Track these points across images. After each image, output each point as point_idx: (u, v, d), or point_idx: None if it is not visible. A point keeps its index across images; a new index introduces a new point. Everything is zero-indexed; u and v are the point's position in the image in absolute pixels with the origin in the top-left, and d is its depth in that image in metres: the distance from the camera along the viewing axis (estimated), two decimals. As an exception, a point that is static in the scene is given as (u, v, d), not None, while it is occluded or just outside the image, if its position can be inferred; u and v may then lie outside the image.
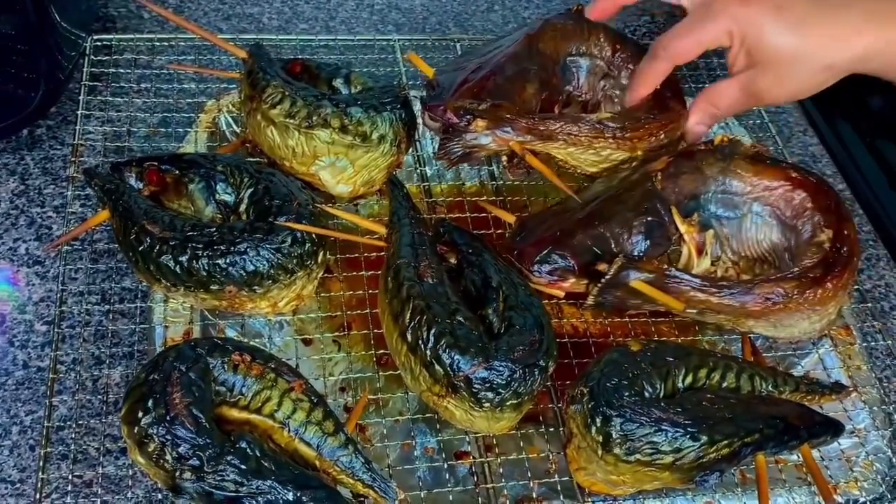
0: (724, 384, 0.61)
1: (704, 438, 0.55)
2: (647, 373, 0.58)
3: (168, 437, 0.52)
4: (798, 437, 0.58)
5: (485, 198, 0.79)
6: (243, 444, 0.52)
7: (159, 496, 0.59)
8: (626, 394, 0.56)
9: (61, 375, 0.65)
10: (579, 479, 0.60)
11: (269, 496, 0.52)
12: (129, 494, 0.60)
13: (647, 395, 0.58)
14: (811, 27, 0.61)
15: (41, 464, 0.59)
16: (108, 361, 0.66)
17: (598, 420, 0.56)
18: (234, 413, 0.57)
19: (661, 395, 0.59)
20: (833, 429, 0.61)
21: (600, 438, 0.56)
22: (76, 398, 0.64)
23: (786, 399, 0.62)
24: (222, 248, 0.62)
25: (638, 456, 0.55)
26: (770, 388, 0.62)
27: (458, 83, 0.66)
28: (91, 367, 0.67)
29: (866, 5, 0.61)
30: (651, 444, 0.55)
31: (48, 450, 0.60)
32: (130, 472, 0.60)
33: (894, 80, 0.63)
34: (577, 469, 0.59)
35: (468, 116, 0.66)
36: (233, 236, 0.62)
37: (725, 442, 0.56)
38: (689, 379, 0.60)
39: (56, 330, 0.65)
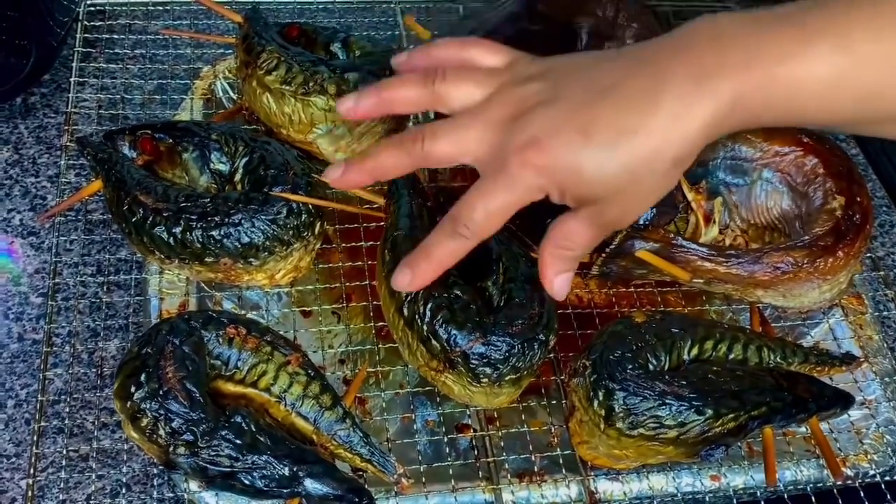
0: (731, 356, 0.59)
1: (710, 412, 0.54)
2: (651, 345, 0.57)
3: (161, 411, 0.51)
4: (806, 410, 0.57)
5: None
6: (238, 419, 0.52)
7: (155, 470, 0.58)
8: (630, 366, 0.55)
9: (56, 348, 0.65)
10: (582, 452, 0.58)
11: (264, 471, 0.51)
12: (125, 469, 0.59)
13: (651, 367, 0.56)
14: (632, 133, 0.43)
15: (35, 438, 0.58)
16: (103, 334, 0.65)
17: (600, 394, 0.54)
18: (230, 387, 0.56)
19: (666, 367, 0.58)
20: (843, 401, 0.59)
21: (603, 412, 0.54)
22: (71, 371, 0.63)
23: (794, 371, 0.60)
24: (216, 219, 0.60)
25: (641, 430, 0.54)
26: (778, 359, 0.60)
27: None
28: (86, 340, 0.66)
29: (689, 68, 0.43)
30: (655, 417, 0.53)
31: (42, 424, 0.59)
32: (126, 447, 0.60)
33: (768, 125, 0.48)
34: (579, 443, 0.58)
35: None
36: (227, 207, 0.61)
37: (731, 415, 0.54)
38: (694, 351, 0.59)
39: (50, 302, 0.64)
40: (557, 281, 0.49)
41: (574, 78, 0.46)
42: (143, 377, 0.52)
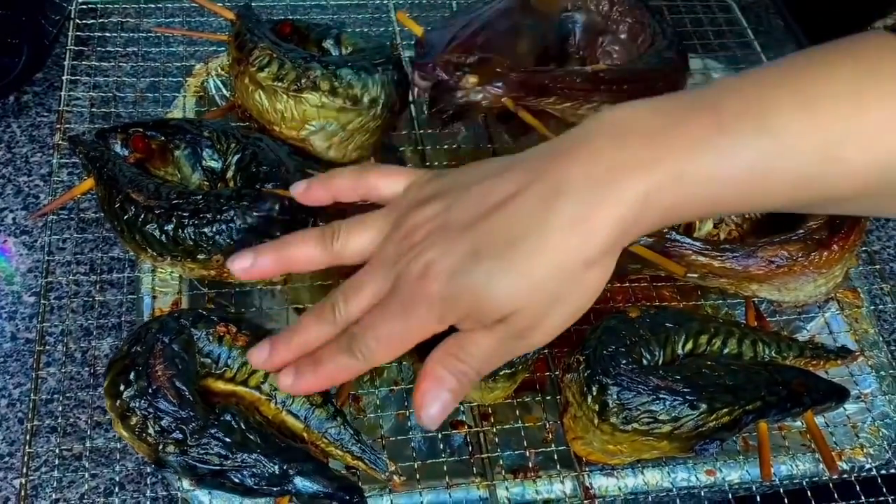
0: (726, 350, 0.59)
1: (704, 406, 0.53)
2: (645, 340, 0.57)
3: (150, 410, 0.51)
4: (801, 405, 0.57)
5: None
6: (228, 417, 0.51)
7: (148, 469, 0.58)
8: (624, 361, 0.55)
9: (49, 347, 0.64)
10: (576, 448, 0.58)
11: (254, 469, 0.51)
12: (118, 467, 0.59)
13: (645, 362, 0.56)
14: (522, 242, 0.40)
15: (27, 437, 0.58)
16: (96, 333, 0.65)
17: (594, 389, 0.54)
18: (220, 385, 0.55)
19: (661, 362, 0.57)
20: (837, 395, 0.59)
21: (596, 407, 0.54)
22: (64, 370, 0.63)
23: (789, 365, 0.60)
24: (208, 216, 0.60)
25: (635, 425, 0.53)
26: (773, 353, 0.60)
27: (447, 40, 0.64)
28: (79, 339, 0.65)
29: (589, 169, 0.40)
30: (648, 412, 0.53)
31: (35, 423, 0.59)
32: (119, 445, 0.59)
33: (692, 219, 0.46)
34: (573, 438, 0.58)
35: (458, 72, 0.63)
36: (219, 204, 0.60)
37: (725, 410, 0.54)
38: (689, 345, 0.59)
39: (42, 301, 0.64)
40: (434, 403, 0.43)
41: (466, 197, 0.43)
42: (132, 375, 0.51)
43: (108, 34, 0.83)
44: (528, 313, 0.42)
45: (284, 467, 0.51)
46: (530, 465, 0.59)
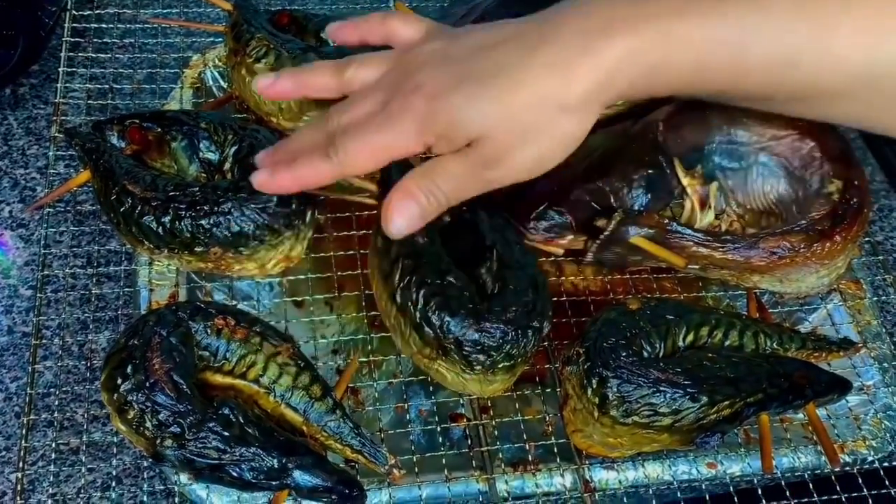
0: (727, 342, 0.59)
1: (704, 399, 0.53)
2: (645, 332, 0.56)
3: (148, 403, 0.50)
4: (803, 397, 0.56)
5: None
6: (226, 411, 0.51)
7: (145, 463, 0.58)
8: (624, 354, 0.54)
9: (45, 341, 0.64)
10: (576, 441, 0.58)
11: (252, 463, 0.50)
12: (115, 462, 0.59)
13: (645, 354, 0.56)
14: (504, 74, 0.44)
15: (24, 432, 0.57)
16: (93, 326, 0.65)
17: (594, 381, 0.54)
18: (219, 378, 0.55)
19: (661, 354, 0.57)
20: (840, 387, 0.59)
21: (596, 400, 0.54)
22: (61, 364, 0.63)
23: (791, 357, 0.60)
24: (205, 208, 0.59)
25: (635, 418, 0.53)
26: (775, 345, 0.60)
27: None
28: (76, 332, 0.65)
29: (578, 23, 0.43)
30: (649, 405, 0.53)
31: (32, 417, 0.59)
32: (117, 439, 0.59)
33: (679, 94, 0.47)
34: (573, 431, 0.58)
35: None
36: (216, 196, 0.60)
37: (727, 402, 0.54)
38: (690, 337, 0.58)
39: (39, 295, 0.64)
40: (402, 215, 0.48)
41: (465, 39, 0.48)
42: (129, 369, 0.51)
43: (104, 25, 0.82)
44: (497, 142, 0.46)
45: (283, 461, 0.51)
46: (530, 458, 0.59)
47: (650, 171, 0.63)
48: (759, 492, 0.58)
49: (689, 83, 0.45)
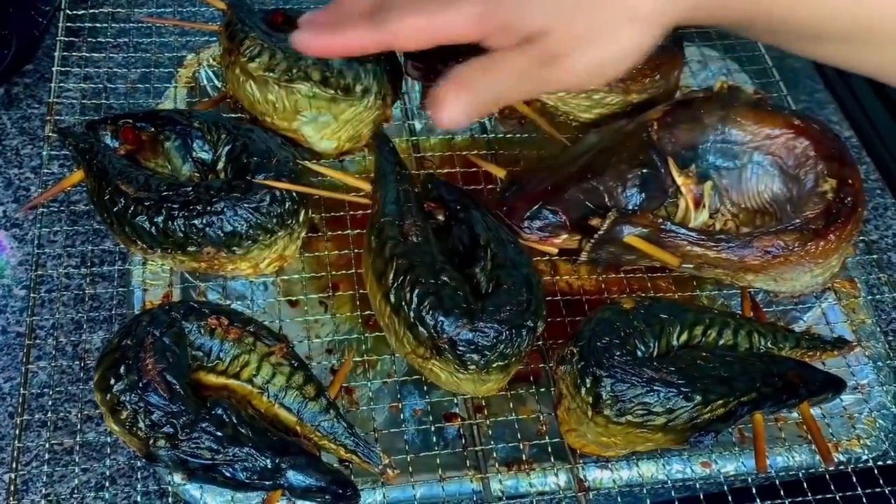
0: (721, 341, 0.59)
1: (698, 398, 0.53)
2: (639, 331, 0.56)
3: (140, 404, 0.50)
4: (797, 396, 0.56)
5: (476, 152, 0.76)
6: (219, 411, 0.51)
7: (139, 463, 0.58)
8: (618, 353, 0.54)
9: (39, 341, 0.64)
10: (570, 440, 0.58)
11: (245, 463, 0.50)
12: (109, 462, 0.58)
13: (639, 354, 0.56)
14: None
15: (18, 432, 0.57)
16: (87, 326, 0.65)
17: (587, 381, 0.54)
18: (212, 378, 0.55)
19: (655, 353, 0.57)
20: (834, 386, 0.59)
21: (590, 399, 0.54)
22: (55, 364, 0.63)
23: (785, 356, 0.60)
24: (198, 207, 0.59)
25: (629, 417, 0.53)
26: (769, 344, 0.60)
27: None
28: (70, 332, 0.65)
29: None
30: (643, 404, 0.53)
31: (25, 417, 0.59)
32: (111, 440, 0.59)
33: (735, 27, 0.47)
34: (567, 430, 0.58)
35: (452, 62, 0.62)
36: (209, 196, 0.60)
37: (720, 401, 0.54)
38: (684, 336, 0.58)
39: (33, 295, 0.63)
40: (455, 104, 0.45)
41: None
42: (122, 369, 0.51)
43: (98, 25, 0.82)
44: (559, 38, 0.43)
45: (277, 461, 0.50)
46: (524, 457, 0.59)
47: (644, 171, 0.63)
48: (754, 490, 0.59)
49: (747, 11, 0.44)
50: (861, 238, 0.72)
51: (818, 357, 0.62)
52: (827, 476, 0.59)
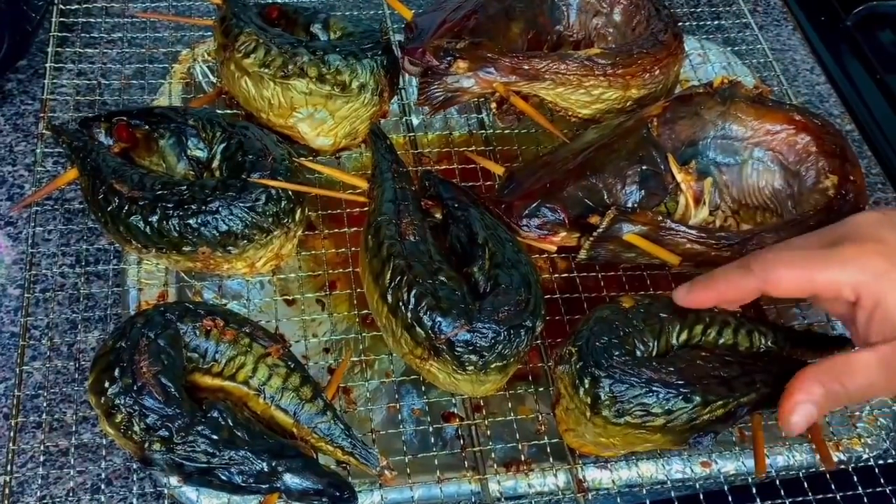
0: (721, 340, 0.58)
1: (698, 399, 0.52)
2: (639, 330, 0.56)
3: (135, 407, 0.50)
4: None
5: (473, 148, 0.75)
6: (215, 414, 0.50)
7: (135, 465, 0.57)
8: (616, 353, 0.54)
9: (34, 341, 0.63)
10: (568, 440, 0.57)
11: (242, 466, 0.50)
12: (105, 463, 0.58)
13: (638, 353, 0.55)
14: None
15: (13, 434, 0.57)
16: (82, 326, 0.64)
17: (586, 381, 0.53)
18: (208, 380, 0.54)
19: (655, 352, 0.56)
20: None
21: (588, 400, 0.53)
22: (50, 365, 0.62)
23: (785, 355, 0.59)
24: (193, 207, 0.59)
25: (628, 418, 0.52)
26: (769, 343, 0.59)
27: (437, 23, 0.63)
28: (65, 332, 0.64)
29: None
30: (641, 405, 0.52)
31: (20, 419, 0.58)
32: (106, 441, 0.58)
33: None
34: (566, 430, 0.57)
35: (448, 58, 0.62)
36: (204, 195, 0.59)
37: (720, 402, 0.53)
38: (683, 336, 0.57)
39: (27, 294, 0.63)
40: (799, 413, 0.47)
41: None
42: (116, 372, 0.51)
43: (92, 20, 0.81)
44: None
45: (273, 464, 0.50)
46: (523, 457, 0.59)
47: (644, 167, 0.63)
48: (754, 490, 0.58)
49: None
50: (862, 234, 0.71)
51: (820, 356, 0.61)
52: (827, 475, 0.59)
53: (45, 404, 0.60)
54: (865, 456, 0.61)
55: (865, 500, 0.58)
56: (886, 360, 0.47)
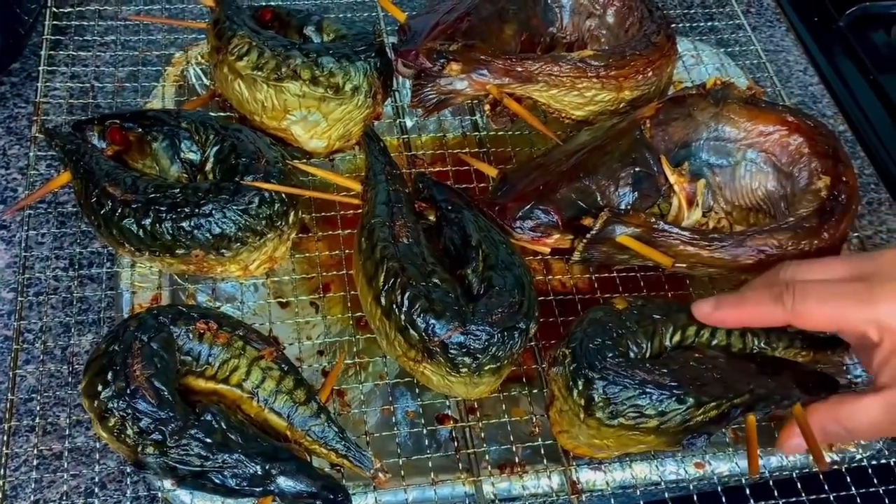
0: (714, 342, 0.58)
1: (691, 401, 0.53)
2: (632, 332, 0.56)
3: (129, 410, 0.50)
4: (790, 397, 0.56)
5: (467, 150, 0.75)
6: (208, 417, 0.50)
7: (129, 469, 0.57)
8: (610, 355, 0.54)
9: (27, 345, 0.63)
10: (562, 441, 0.57)
11: (235, 469, 0.50)
12: (98, 467, 0.58)
13: (632, 355, 0.55)
14: None
15: (5, 438, 0.57)
16: (76, 329, 0.64)
17: (579, 383, 0.53)
18: (201, 383, 0.54)
19: (648, 354, 0.56)
20: (828, 386, 0.58)
21: (582, 402, 0.53)
22: (43, 368, 0.62)
23: (779, 356, 0.59)
24: (186, 210, 0.59)
25: (621, 420, 0.52)
26: (762, 344, 0.59)
27: (430, 26, 0.63)
28: (59, 336, 0.64)
29: None
30: (635, 407, 0.52)
31: (12, 423, 0.58)
32: (100, 445, 0.58)
33: None
34: (559, 432, 0.57)
35: (441, 60, 0.62)
36: (197, 198, 0.59)
37: (713, 404, 0.53)
38: (677, 337, 0.58)
39: (20, 298, 0.63)
40: (797, 449, 0.51)
41: None
42: (109, 375, 0.50)
43: (86, 23, 0.81)
44: None
45: (267, 467, 0.50)
46: (517, 459, 0.59)
47: (637, 169, 0.63)
48: (748, 491, 0.58)
49: None
50: (855, 234, 0.71)
51: (812, 357, 0.61)
52: (821, 476, 0.59)
53: (38, 408, 0.60)
54: (859, 456, 0.61)
55: (859, 500, 0.58)
56: (892, 404, 0.48)
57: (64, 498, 0.57)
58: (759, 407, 0.54)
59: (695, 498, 0.58)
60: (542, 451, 0.59)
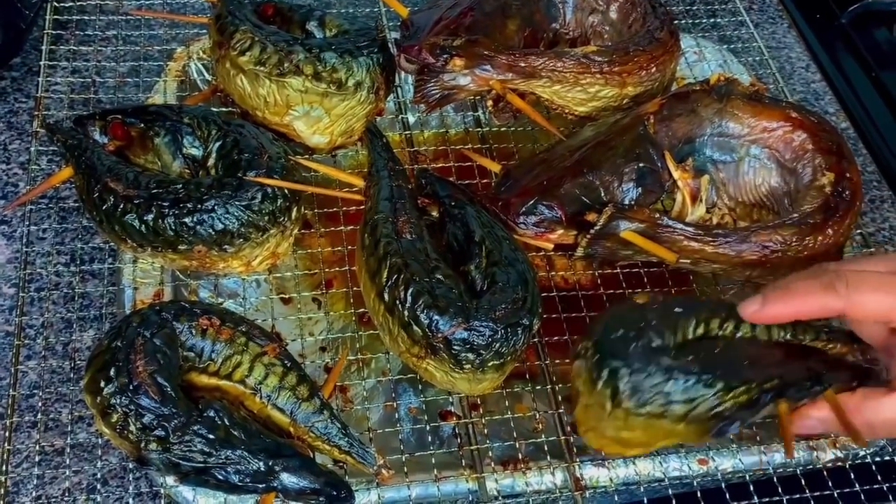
0: (739, 334, 0.56)
1: (720, 385, 0.50)
2: (654, 325, 0.54)
3: (131, 407, 0.49)
4: (821, 383, 0.54)
5: (470, 146, 0.75)
6: (211, 413, 0.50)
7: (131, 465, 0.57)
8: (633, 344, 0.52)
9: (29, 341, 0.63)
10: (590, 440, 0.54)
11: (238, 466, 0.50)
12: (101, 463, 0.58)
13: (655, 346, 0.54)
14: None
15: (8, 434, 0.56)
16: (77, 325, 0.64)
17: (604, 373, 0.52)
18: (204, 379, 0.54)
19: (672, 345, 0.55)
20: (860, 375, 0.55)
21: (608, 392, 0.51)
22: (45, 364, 0.62)
23: (806, 346, 0.58)
24: (189, 205, 0.58)
25: (649, 408, 0.50)
26: (788, 336, 0.57)
27: (433, 21, 0.63)
28: (60, 332, 0.64)
29: None
30: (662, 394, 0.50)
31: (14, 419, 0.58)
32: (102, 441, 0.58)
33: None
34: (586, 430, 0.54)
35: (445, 56, 0.62)
36: (200, 193, 0.59)
37: (742, 388, 0.51)
38: (700, 330, 0.55)
39: (22, 293, 0.63)
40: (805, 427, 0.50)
41: None
42: (112, 371, 0.50)
43: (87, 17, 0.81)
44: None
45: (270, 463, 0.50)
46: (520, 456, 0.58)
47: (641, 165, 0.63)
48: (751, 487, 0.58)
49: None
50: (858, 231, 0.71)
51: (838, 350, 0.60)
52: (824, 472, 0.59)
53: (40, 404, 0.60)
54: (862, 453, 0.61)
55: (862, 496, 0.58)
56: None
57: (66, 494, 0.57)
58: (788, 393, 0.53)
59: (698, 494, 0.58)
60: (546, 448, 0.58)
